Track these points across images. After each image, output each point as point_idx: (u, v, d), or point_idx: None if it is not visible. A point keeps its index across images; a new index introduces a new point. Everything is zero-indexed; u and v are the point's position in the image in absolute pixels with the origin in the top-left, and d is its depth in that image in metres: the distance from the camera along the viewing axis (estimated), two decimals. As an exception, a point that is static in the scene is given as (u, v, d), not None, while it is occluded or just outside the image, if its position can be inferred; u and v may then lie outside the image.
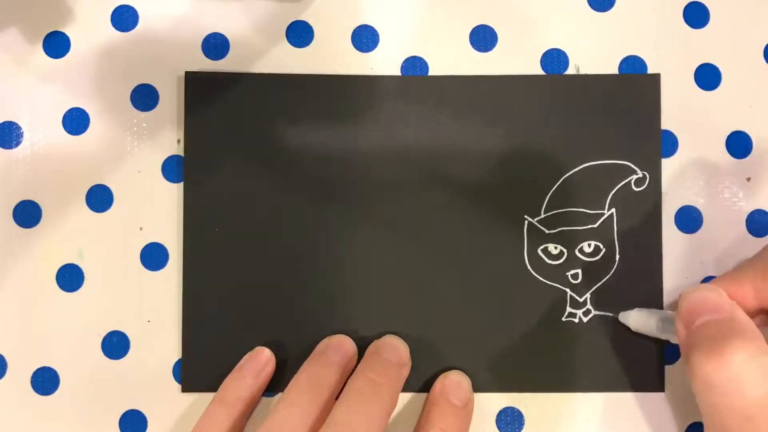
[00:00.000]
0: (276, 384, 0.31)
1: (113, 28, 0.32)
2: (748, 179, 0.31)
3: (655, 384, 0.31)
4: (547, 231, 0.31)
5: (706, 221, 0.31)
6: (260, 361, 0.30)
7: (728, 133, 0.31)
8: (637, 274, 0.31)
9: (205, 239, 0.31)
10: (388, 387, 0.28)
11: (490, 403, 0.31)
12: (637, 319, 0.30)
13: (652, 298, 0.31)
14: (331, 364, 0.29)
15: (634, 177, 0.31)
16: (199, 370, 0.31)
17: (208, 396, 0.31)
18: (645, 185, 0.31)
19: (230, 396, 0.29)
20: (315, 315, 0.31)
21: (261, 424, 0.27)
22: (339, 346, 0.30)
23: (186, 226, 0.31)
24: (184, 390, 0.31)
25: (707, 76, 0.32)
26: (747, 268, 0.27)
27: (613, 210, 0.31)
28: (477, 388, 0.31)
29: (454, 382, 0.30)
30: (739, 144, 0.31)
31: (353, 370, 0.29)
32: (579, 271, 0.31)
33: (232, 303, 0.31)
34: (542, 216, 0.31)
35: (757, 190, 0.31)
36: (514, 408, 0.31)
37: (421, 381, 0.31)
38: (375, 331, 0.31)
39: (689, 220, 0.31)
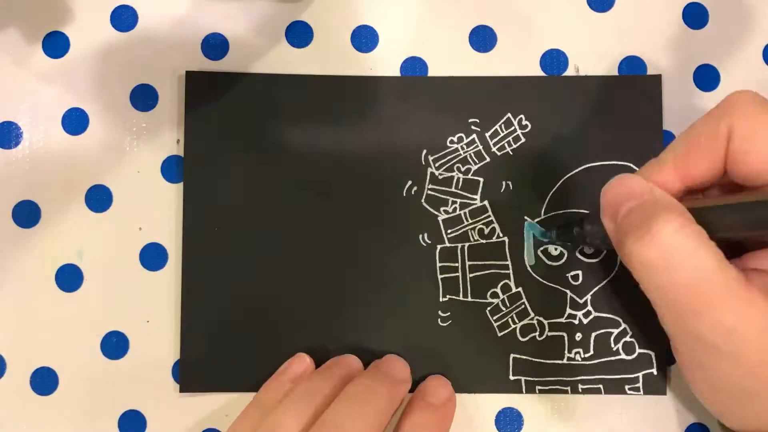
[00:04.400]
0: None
1: (113, 28, 0.32)
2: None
3: (657, 385, 0.30)
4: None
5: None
6: (301, 367, 0.30)
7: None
8: None
9: (204, 239, 0.31)
10: (383, 395, 0.27)
11: (490, 404, 0.31)
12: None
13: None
14: (332, 377, 0.29)
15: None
16: (197, 371, 0.31)
17: (207, 396, 0.31)
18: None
19: (268, 399, 0.29)
20: (315, 315, 0.31)
21: (259, 425, 0.27)
22: (345, 365, 0.30)
23: (185, 226, 0.31)
24: (182, 390, 0.31)
25: (706, 77, 0.32)
26: (666, 152, 0.26)
27: (614, 211, 0.31)
28: (479, 389, 0.31)
29: (431, 385, 0.30)
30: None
31: None
32: (579, 272, 0.31)
33: (231, 303, 0.31)
34: (542, 217, 0.31)
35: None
36: (513, 408, 0.31)
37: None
38: (375, 330, 0.31)
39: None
